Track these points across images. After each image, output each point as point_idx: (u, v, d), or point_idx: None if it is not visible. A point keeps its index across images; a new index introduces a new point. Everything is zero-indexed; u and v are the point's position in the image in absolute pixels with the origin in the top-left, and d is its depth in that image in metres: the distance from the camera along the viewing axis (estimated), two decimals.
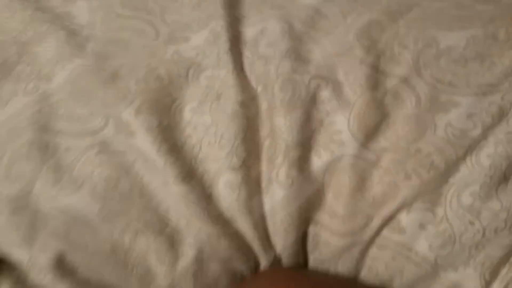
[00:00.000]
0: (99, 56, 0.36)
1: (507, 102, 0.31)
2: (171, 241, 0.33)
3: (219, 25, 0.35)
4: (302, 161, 0.32)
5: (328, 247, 0.33)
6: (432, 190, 0.31)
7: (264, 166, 0.33)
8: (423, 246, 0.31)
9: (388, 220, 0.32)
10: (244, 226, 0.33)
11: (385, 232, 0.32)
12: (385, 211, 0.31)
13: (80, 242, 0.32)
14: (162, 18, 0.38)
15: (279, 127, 0.32)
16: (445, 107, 0.31)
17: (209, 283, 0.33)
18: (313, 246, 0.34)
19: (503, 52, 0.32)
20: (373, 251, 0.32)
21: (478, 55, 0.33)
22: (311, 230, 0.34)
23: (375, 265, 0.33)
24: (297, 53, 0.34)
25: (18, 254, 0.32)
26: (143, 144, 0.32)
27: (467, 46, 0.33)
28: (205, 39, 0.36)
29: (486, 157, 0.30)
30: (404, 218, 0.31)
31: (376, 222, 0.32)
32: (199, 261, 0.32)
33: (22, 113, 0.35)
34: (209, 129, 0.33)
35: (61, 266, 0.32)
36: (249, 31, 0.35)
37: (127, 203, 0.32)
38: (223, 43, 0.34)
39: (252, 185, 0.33)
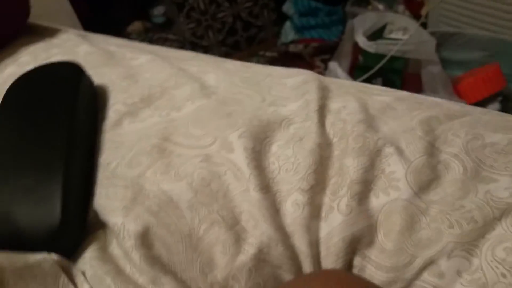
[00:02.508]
0: (219, 102, 0.48)
1: None
2: (238, 237, 0.39)
3: (311, 97, 0.46)
4: (362, 196, 0.38)
5: (372, 280, 0.36)
6: (470, 241, 0.35)
7: (327, 198, 0.40)
8: None
9: (429, 264, 0.35)
10: (301, 242, 0.38)
11: (426, 275, 0.35)
12: (428, 253, 0.35)
13: (166, 220, 0.39)
14: (268, 92, 0.50)
15: (347, 166, 0.40)
16: (485, 180, 0.38)
17: (259, 282, 0.37)
18: None
19: None
20: None
21: None
22: (358, 262, 0.38)
23: None
24: (369, 123, 0.43)
25: (115, 218, 0.40)
26: (238, 158, 0.41)
27: (508, 144, 0.40)
28: (298, 106, 0.47)
29: None
30: (444, 263, 0.35)
31: (418, 262, 0.35)
32: (256, 259, 0.37)
33: (153, 127, 0.47)
34: (289, 159, 0.41)
35: (144, 236, 0.38)
36: (333, 105, 0.46)
37: (213, 199, 0.40)
38: (312, 107, 0.45)
39: (314, 209, 0.39)
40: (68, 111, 0.45)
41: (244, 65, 0.59)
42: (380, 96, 0.49)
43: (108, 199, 0.42)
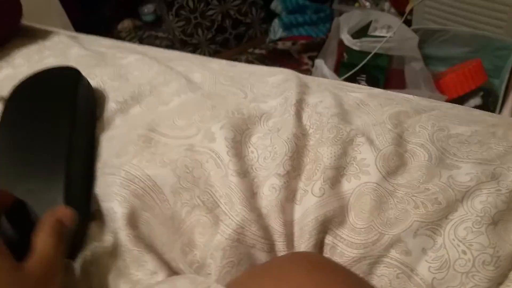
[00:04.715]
0: (204, 96, 0.51)
1: (498, 172, 0.40)
2: (217, 219, 0.42)
3: (290, 93, 0.50)
4: (334, 180, 0.41)
5: (342, 258, 0.40)
6: (434, 221, 0.38)
7: (302, 183, 0.43)
8: (423, 268, 0.37)
9: (397, 241, 0.38)
10: (275, 222, 0.41)
11: (394, 252, 0.39)
12: (395, 231, 0.39)
13: (151, 204, 0.42)
14: (250, 89, 0.53)
15: (321, 154, 0.43)
16: (448, 167, 0.41)
17: (232, 260, 0.40)
18: (329, 255, 0.40)
19: (499, 143, 0.43)
20: (381, 268, 0.39)
21: (479, 141, 0.43)
22: (329, 241, 0.41)
23: (380, 281, 0.38)
24: (343, 116, 0.46)
25: (106, 204, 0.43)
26: (219, 147, 0.44)
27: (471, 135, 0.44)
28: (278, 102, 0.50)
29: (479, 202, 0.38)
30: (411, 241, 0.38)
31: (386, 239, 0.39)
32: (231, 239, 0.40)
33: (141, 119, 0.50)
34: (267, 148, 0.45)
35: (130, 218, 0.41)
36: (311, 99, 0.49)
37: (194, 184, 0.43)
38: (291, 101, 0.48)
39: (290, 192, 0.42)
40: (67, 115, 0.47)
41: (229, 64, 0.62)
42: (355, 93, 0.52)
43: (98, 188, 0.44)
